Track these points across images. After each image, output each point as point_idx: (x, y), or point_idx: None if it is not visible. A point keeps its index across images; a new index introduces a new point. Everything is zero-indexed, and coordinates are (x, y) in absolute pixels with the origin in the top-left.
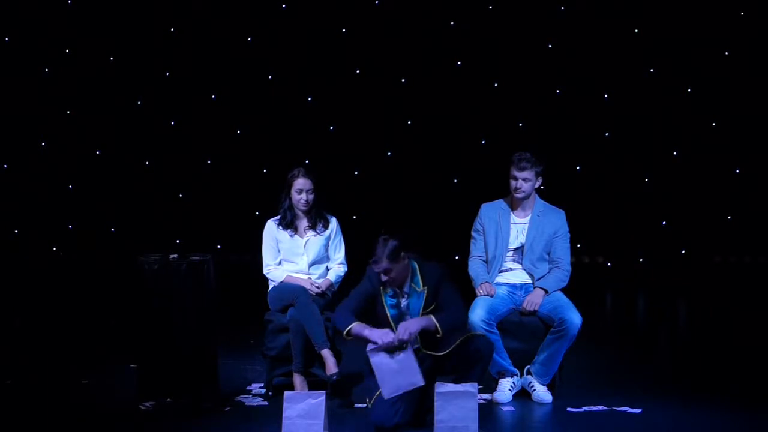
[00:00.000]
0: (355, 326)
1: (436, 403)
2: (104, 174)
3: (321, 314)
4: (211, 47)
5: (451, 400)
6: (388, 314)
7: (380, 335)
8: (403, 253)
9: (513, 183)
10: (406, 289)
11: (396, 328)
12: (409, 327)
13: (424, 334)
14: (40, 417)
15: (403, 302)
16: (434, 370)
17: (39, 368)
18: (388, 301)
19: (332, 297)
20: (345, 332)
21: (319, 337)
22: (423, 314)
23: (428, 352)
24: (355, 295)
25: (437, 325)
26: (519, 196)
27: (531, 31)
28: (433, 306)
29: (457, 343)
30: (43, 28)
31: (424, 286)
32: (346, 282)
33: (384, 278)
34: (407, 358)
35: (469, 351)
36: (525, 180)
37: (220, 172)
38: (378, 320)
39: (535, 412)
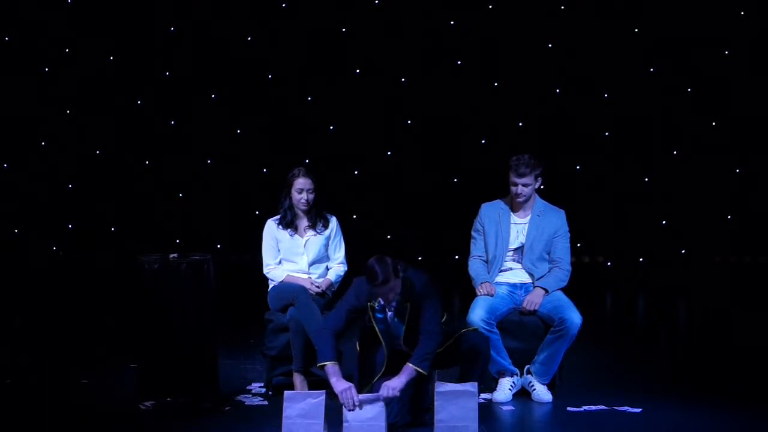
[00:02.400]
0: (329, 367)
1: (436, 403)
2: (104, 174)
3: (321, 314)
4: (211, 47)
5: (451, 399)
6: (377, 329)
7: (342, 389)
8: (398, 267)
9: (513, 189)
10: (393, 303)
11: (384, 343)
12: (393, 385)
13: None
14: (40, 417)
15: (388, 315)
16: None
17: (39, 368)
18: (377, 316)
19: (332, 296)
20: (318, 365)
21: None
22: (405, 329)
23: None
24: (341, 310)
25: (419, 370)
26: (520, 200)
27: (531, 31)
28: (412, 323)
29: (450, 342)
30: (43, 28)
31: (407, 301)
32: (346, 282)
33: (387, 299)
34: (379, 415)
35: (465, 348)
36: (525, 185)
37: (220, 172)
38: (365, 333)
39: (535, 412)
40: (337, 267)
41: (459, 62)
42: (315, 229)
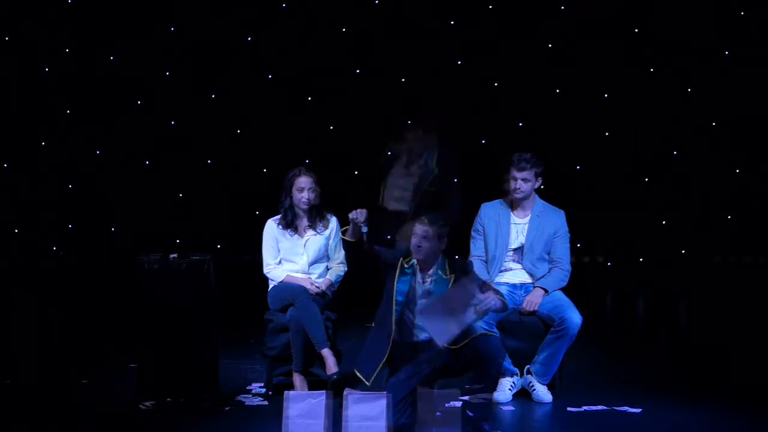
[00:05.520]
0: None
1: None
2: (104, 174)
3: (321, 314)
4: (211, 47)
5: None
6: (395, 287)
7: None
8: (444, 236)
9: (512, 183)
10: (430, 272)
11: (394, 315)
12: (492, 303)
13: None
14: (40, 417)
15: (426, 286)
16: (446, 368)
17: (39, 368)
18: (400, 278)
19: (332, 297)
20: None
21: (319, 336)
22: None
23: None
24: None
25: (505, 302)
26: (518, 196)
27: (531, 31)
28: None
29: (472, 337)
30: (43, 28)
31: (450, 273)
32: (346, 282)
33: (416, 244)
34: (379, 415)
35: (483, 349)
36: (524, 180)
37: (220, 172)
38: (383, 296)
39: (535, 412)
40: (337, 267)
41: (459, 62)
42: (315, 229)
